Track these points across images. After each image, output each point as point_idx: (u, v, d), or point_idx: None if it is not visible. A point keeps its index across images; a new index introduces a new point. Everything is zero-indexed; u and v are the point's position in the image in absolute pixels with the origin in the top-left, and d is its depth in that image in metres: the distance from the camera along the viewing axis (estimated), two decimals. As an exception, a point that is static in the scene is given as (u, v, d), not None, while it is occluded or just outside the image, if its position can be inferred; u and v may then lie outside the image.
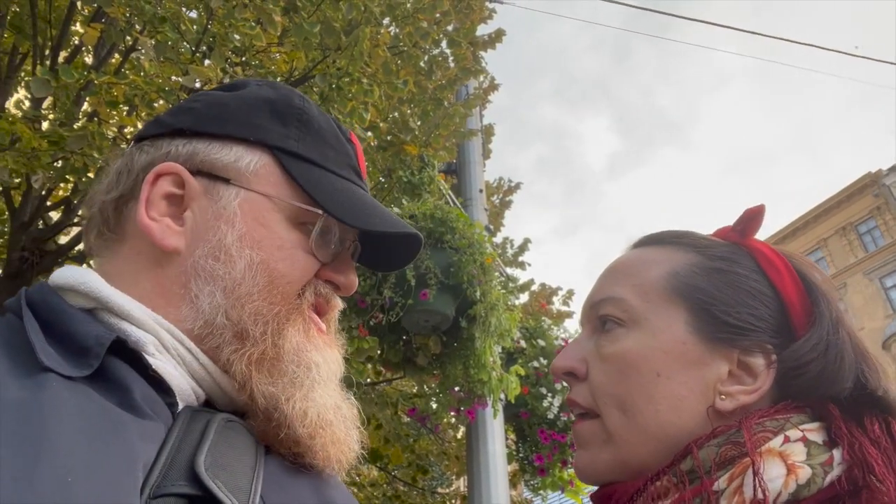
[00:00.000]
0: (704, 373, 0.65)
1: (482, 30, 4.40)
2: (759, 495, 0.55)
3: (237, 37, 2.73)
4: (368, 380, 3.95)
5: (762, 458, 0.57)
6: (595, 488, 0.72)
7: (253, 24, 2.60)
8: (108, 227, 0.72)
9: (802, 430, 0.60)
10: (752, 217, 0.73)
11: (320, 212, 0.71)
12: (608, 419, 0.67)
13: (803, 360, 0.63)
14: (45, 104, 3.93)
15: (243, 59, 2.97)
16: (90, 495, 0.46)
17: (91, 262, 0.74)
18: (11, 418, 0.47)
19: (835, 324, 0.66)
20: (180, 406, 0.63)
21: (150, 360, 0.61)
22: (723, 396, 0.64)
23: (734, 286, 0.68)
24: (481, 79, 5.03)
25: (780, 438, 0.59)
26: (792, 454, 0.57)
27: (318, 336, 0.72)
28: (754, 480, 0.55)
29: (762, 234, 0.77)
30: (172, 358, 0.65)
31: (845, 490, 0.56)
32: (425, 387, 3.89)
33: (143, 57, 2.55)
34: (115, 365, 0.58)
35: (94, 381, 0.56)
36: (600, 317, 0.72)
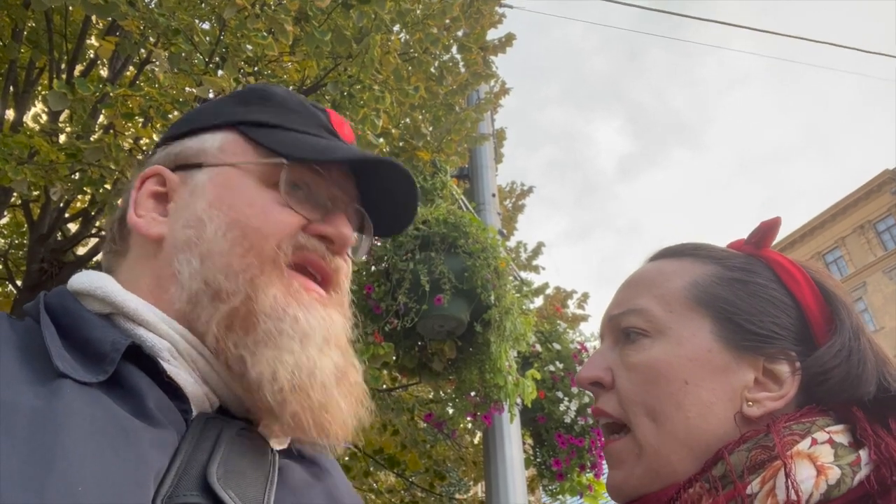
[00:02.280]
0: (731, 380, 0.66)
1: (492, 34, 4.41)
2: (793, 496, 0.55)
3: (249, 47, 2.75)
4: (384, 386, 3.95)
5: (793, 461, 0.58)
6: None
7: (265, 34, 2.62)
8: (115, 242, 0.75)
9: (828, 433, 0.61)
10: (768, 230, 0.74)
11: (284, 161, 0.72)
12: (638, 429, 0.67)
13: (827, 366, 0.65)
14: (62, 117, 3.99)
15: (256, 68, 3.00)
16: None
17: None
18: (24, 426, 0.47)
19: (856, 331, 0.68)
20: (194, 413, 0.63)
21: (166, 366, 0.62)
22: (750, 403, 0.65)
23: (755, 295, 0.70)
24: (492, 83, 5.03)
25: (807, 441, 0.60)
26: (820, 456, 0.58)
27: (304, 292, 0.69)
28: (787, 482, 0.56)
29: (780, 233, 0.77)
30: (187, 363, 0.65)
31: (875, 489, 0.57)
32: (441, 392, 3.89)
33: (157, 69, 2.58)
34: (130, 371, 0.59)
35: (108, 388, 0.56)
36: (623, 328, 0.72)
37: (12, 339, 0.57)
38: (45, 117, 4.48)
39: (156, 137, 3.25)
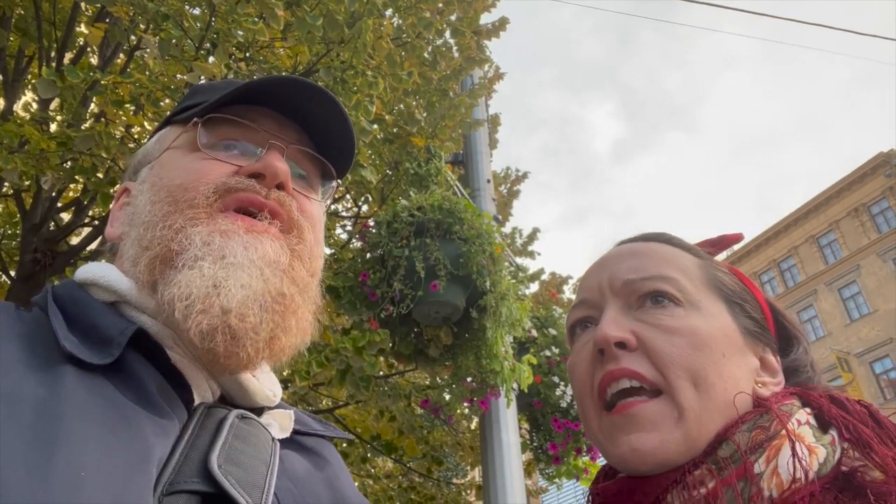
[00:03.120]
0: (747, 361, 0.69)
1: (485, 18, 4.37)
2: (798, 475, 0.58)
3: (240, 32, 2.72)
4: (381, 372, 3.96)
5: (798, 441, 0.60)
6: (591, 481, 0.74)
7: (256, 19, 2.59)
8: (110, 261, 0.79)
9: (807, 414, 0.64)
10: (730, 242, 0.79)
11: (196, 120, 0.75)
12: (680, 393, 0.64)
13: (801, 362, 0.73)
14: (53, 106, 3.96)
15: (247, 54, 2.97)
16: (102, 490, 0.46)
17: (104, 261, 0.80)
18: (28, 413, 0.48)
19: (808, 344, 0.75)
20: (196, 401, 0.64)
21: (170, 353, 0.63)
22: (759, 384, 0.68)
23: (744, 290, 0.74)
24: (486, 68, 5.00)
25: (793, 422, 0.62)
26: (805, 436, 0.61)
27: (231, 224, 0.69)
28: (794, 461, 0.58)
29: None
30: (189, 351, 0.66)
31: (850, 467, 0.60)
32: (438, 378, 3.90)
33: (147, 55, 2.55)
34: (134, 358, 0.60)
35: (112, 374, 0.57)
36: (652, 292, 0.70)
37: (18, 329, 0.58)
38: (35, 106, 4.44)
39: (147, 125, 3.22)
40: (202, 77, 2.37)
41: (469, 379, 3.14)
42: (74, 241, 4.03)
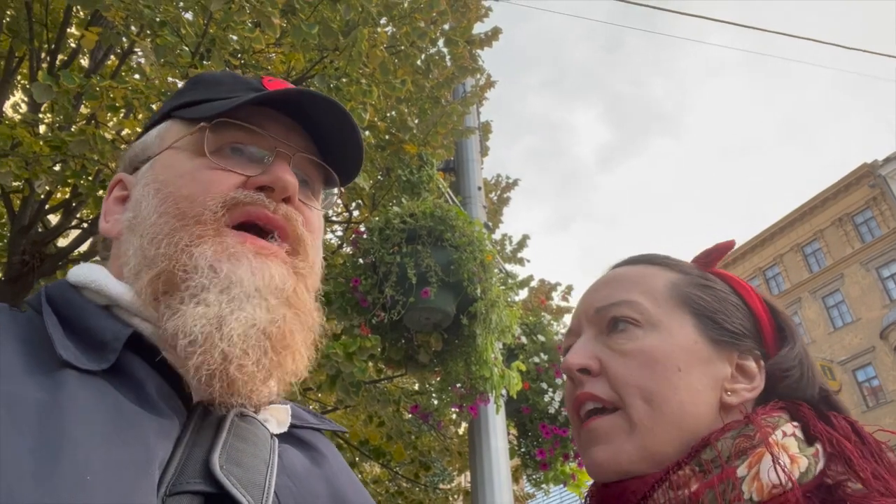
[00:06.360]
0: (713, 371, 0.73)
1: (478, 28, 4.41)
2: (779, 480, 0.62)
3: (235, 38, 2.73)
4: (370, 377, 3.97)
5: (779, 450, 0.64)
6: (589, 484, 0.77)
7: (251, 25, 2.61)
8: (106, 251, 0.78)
9: (793, 427, 0.68)
10: (722, 251, 0.83)
11: (204, 125, 0.73)
12: (632, 409, 0.70)
13: (788, 365, 0.74)
14: (43, 107, 3.93)
15: (242, 60, 2.98)
16: (108, 493, 0.47)
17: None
18: (31, 418, 0.49)
19: (802, 341, 0.78)
20: (195, 400, 0.64)
21: (165, 354, 0.63)
22: (729, 392, 0.72)
23: (722, 300, 0.78)
24: (478, 76, 5.03)
25: (779, 433, 0.67)
26: (790, 447, 0.65)
27: (238, 245, 0.67)
28: (774, 468, 0.63)
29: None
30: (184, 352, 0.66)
31: (835, 480, 0.65)
32: (427, 384, 3.92)
33: (143, 61, 2.56)
34: (131, 360, 0.60)
35: (110, 377, 0.57)
36: (613, 318, 0.76)
37: (14, 331, 0.58)
38: (24, 107, 4.41)
39: (138, 129, 3.22)
40: (197, 83, 2.38)
41: (458, 385, 3.15)
42: (63, 243, 4.01)
